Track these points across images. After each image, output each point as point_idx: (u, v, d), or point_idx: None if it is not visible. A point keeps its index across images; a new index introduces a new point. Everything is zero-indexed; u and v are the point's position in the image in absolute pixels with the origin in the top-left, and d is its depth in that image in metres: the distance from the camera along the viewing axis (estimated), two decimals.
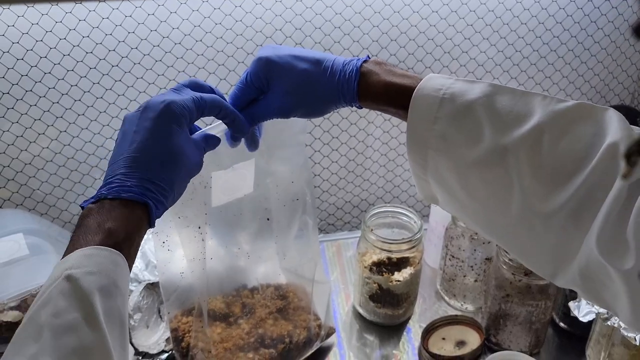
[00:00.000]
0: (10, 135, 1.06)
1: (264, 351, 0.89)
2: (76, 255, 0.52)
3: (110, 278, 0.52)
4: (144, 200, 0.57)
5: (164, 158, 0.59)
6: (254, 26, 1.04)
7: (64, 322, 0.48)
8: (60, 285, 0.50)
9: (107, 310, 0.51)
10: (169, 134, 0.60)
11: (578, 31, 1.14)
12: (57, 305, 0.49)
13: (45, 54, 0.99)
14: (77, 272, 0.50)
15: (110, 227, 0.54)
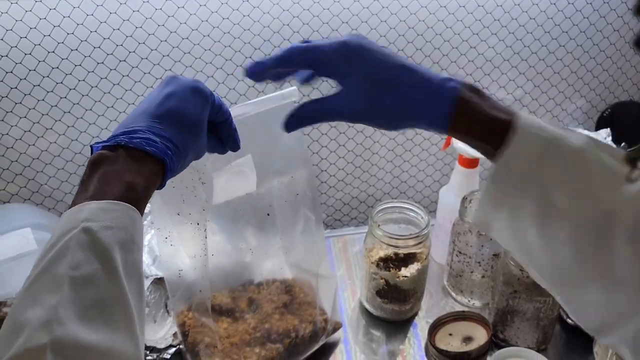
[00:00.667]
0: (18, 130, 1.06)
1: (270, 346, 0.89)
2: (92, 207, 0.51)
3: (128, 233, 0.52)
4: (163, 157, 0.56)
5: (189, 124, 0.59)
6: (261, 21, 1.04)
7: (84, 274, 0.48)
8: (77, 237, 0.49)
9: (126, 264, 0.51)
10: (198, 105, 0.61)
11: (587, 26, 1.14)
12: (75, 257, 0.48)
13: (53, 49, 0.99)
14: (94, 225, 0.49)
15: (131, 182, 0.54)
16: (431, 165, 1.26)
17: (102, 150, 0.55)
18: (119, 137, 0.55)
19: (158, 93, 0.61)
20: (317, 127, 1.17)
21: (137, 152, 0.55)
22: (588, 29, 1.14)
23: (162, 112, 0.58)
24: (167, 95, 0.60)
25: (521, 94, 1.20)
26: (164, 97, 0.60)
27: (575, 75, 1.20)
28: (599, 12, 1.12)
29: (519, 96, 1.20)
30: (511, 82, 1.18)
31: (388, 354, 0.99)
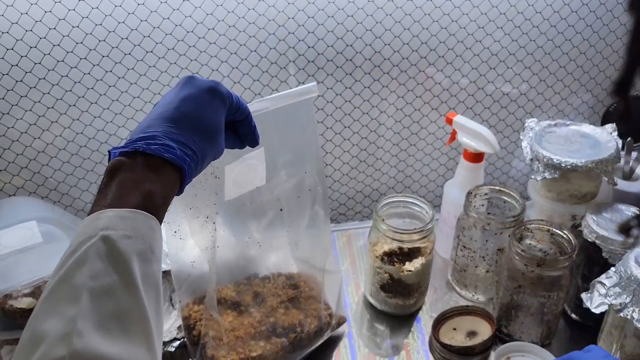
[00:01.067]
0: (23, 123, 1.06)
1: (275, 340, 0.89)
2: (110, 215, 0.51)
3: (146, 243, 0.51)
4: (182, 165, 0.56)
5: (206, 129, 0.59)
6: (266, 14, 1.04)
7: (102, 285, 0.48)
8: (96, 246, 0.49)
9: (144, 275, 0.50)
10: (216, 109, 0.60)
11: (593, 20, 1.13)
12: (93, 267, 0.48)
13: (58, 42, 0.99)
14: (113, 234, 0.49)
15: (150, 190, 0.53)
16: (436, 159, 1.26)
17: (119, 156, 0.54)
18: (137, 144, 0.55)
19: (175, 95, 0.60)
20: (322, 121, 1.16)
21: (155, 159, 0.54)
22: (594, 22, 1.13)
23: (179, 116, 0.58)
24: (184, 98, 0.59)
25: (527, 88, 1.19)
26: (180, 100, 0.59)
27: (581, 70, 1.19)
28: (606, 6, 1.12)
29: (525, 90, 1.19)
30: (517, 76, 1.17)
31: (392, 348, 0.99)
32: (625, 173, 1.10)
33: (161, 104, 0.60)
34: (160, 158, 0.54)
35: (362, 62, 1.11)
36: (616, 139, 1.02)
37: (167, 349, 0.94)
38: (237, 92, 1.10)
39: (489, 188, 1.03)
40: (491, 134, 1.01)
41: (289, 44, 1.07)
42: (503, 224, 0.97)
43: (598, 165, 0.96)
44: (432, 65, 1.14)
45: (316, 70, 1.11)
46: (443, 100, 1.18)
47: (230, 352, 0.86)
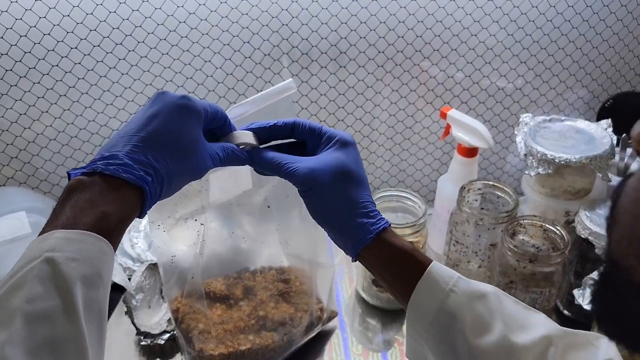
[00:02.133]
0: (13, 112, 1.05)
1: (265, 334, 0.89)
2: (57, 236, 0.48)
3: (94, 267, 0.48)
4: (143, 186, 0.53)
5: (176, 147, 0.56)
6: (260, 6, 1.03)
7: (39, 310, 0.44)
8: (37, 268, 0.45)
9: (87, 301, 0.47)
10: (187, 125, 0.57)
11: (590, 15, 1.12)
12: (32, 289, 0.45)
13: (48, 31, 0.98)
14: (58, 255, 0.46)
15: (105, 211, 0.50)
16: (430, 154, 1.25)
17: (79, 176, 0.52)
18: (96, 164, 0.52)
19: (143, 113, 0.57)
20: (315, 114, 1.16)
21: (114, 180, 0.52)
22: (590, 17, 1.13)
23: (145, 135, 0.55)
24: (152, 115, 0.56)
25: (522, 83, 1.19)
26: (147, 118, 0.56)
27: (577, 65, 1.18)
28: (602, 1, 1.11)
29: (520, 85, 1.19)
30: (512, 71, 1.17)
31: (384, 343, 0.98)
32: (620, 169, 1.10)
33: (129, 123, 0.57)
34: (118, 179, 0.52)
35: (356, 55, 1.10)
36: (611, 135, 1.01)
37: (156, 341, 0.94)
38: (230, 84, 1.09)
39: (483, 183, 1.02)
40: (485, 129, 1.01)
41: (282, 36, 1.07)
42: (496, 219, 0.96)
43: (592, 162, 0.95)
44: (426, 59, 1.13)
45: (309, 62, 1.10)
46: (438, 94, 1.18)
47: (219, 345, 0.85)
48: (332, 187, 0.61)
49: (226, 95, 1.11)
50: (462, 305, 0.56)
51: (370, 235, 0.60)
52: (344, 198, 0.61)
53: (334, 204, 0.61)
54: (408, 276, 0.59)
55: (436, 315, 0.57)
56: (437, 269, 0.58)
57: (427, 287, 0.58)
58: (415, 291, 0.58)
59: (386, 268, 0.60)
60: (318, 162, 0.62)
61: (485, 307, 0.56)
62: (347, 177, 0.61)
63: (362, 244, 0.60)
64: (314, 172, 0.61)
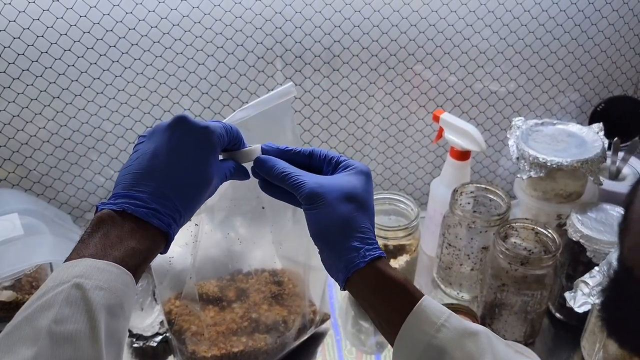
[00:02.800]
0: (6, 114, 1.05)
1: (258, 336, 0.89)
2: (87, 264, 0.50)
3: (118, 298, 0.51)
4: (169, 232, 0.56)
5: (197, 189, 0.58)
6: (253, 9, 1.03)
7: (65, 331, 0.47)
8: (66, 292, 0.48)
9: (109, 330, 0.49)
10: (207, 164, 0.59)
11: (582, 20, 1.13)
12: (60, 311, 0.47)
13: (42, 33, 0.98)
14: (86, 282, 0.49)
15: (134, 248, 0.53)
16: (423, 157, 1.26)
17: (109, 210, 0.54)
18: (126, 204, 0.54)
19: (167, 143, 0.58)
20: (309, 117, 1.16)
21: (143, 222, 0.55)
22: (583, 22, 1.13)
23: (171, 175, 0.57)
24: (175, 149, 0.57)
25: (514, 87, 1.19)
26: (174, 155, 0.57)
27: (569, 69, 1.19)
28: (594, 5, 1.12)
29: (512, 89, 1.19)
30: (504, 74, 1.17)
31: (376, 345, 0.99)
32: (611, 173, 1.11)
33: (149, 152, 0.57)
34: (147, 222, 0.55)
35: (350, 58, 1.11)
36: (603, 138, 1.02)
37: (149, 343, 0.94)
38: (223, 86, 1.10)
39: (475, 186, 1.02)
40: (478, 132, 1.01)
41: (276, 39, 1.07)
42: (488, 222, 0.96)
43: (584, 165, 0.96)
44: (420, 63, 1.13)
45: (303, 65, 1.10)
46: (430, 97, 1.18)
47: (212, 347, 0.85)
48: (336, 207, 0.60)
49: (219, 97, 1.11)
50: (452, 341, 0.55)
51: (365, 260, 0.58)
52: (345, 220, 0.60)
53: (335, 224, 0.60)
54: (398, 307, 0.57)
55: (425, 349, 0.56)
56: (429, 303, 0.57)
57: (418, 320, 0.56)
58: (405, 323, 0.56)
59: (376, 297, 0.59)
60: (327, 180, 0.61)
61: (476, 345, 0.55)
62: (353, 201, 0.61)
63: (354, 268, 0.59)
64: (322, 188, 0.60)
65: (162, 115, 1.12)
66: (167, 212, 0.56)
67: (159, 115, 1.11)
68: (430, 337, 0.56)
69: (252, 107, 0.73)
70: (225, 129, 0.61)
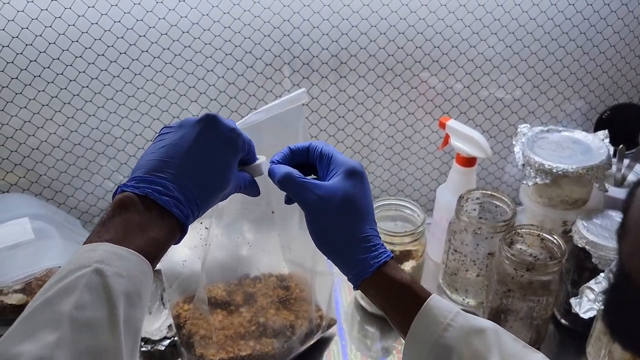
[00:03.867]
0: (18, 120, 1.06)
1: (265, 340, 0.89)
2: (107, 249, 0.50)
3: (136, 287, 0.51)
4: (186, 223, 0.56)
5: (216, 188, 0.59)
6: (262, 16, 1.04)
7: (86, 318, 0.47)
8: (87, 277, 0.48)
9: (127, 318, 0.50)
10: (229, 166, 0.60)
11: (587, 28, 1.14)
12: (81, 297, 0.47)
13: (53, 40, 0.99)
14: (107, 269, 0.49)
15: (154, 237, 0.53)
16: (429, 163, 1.26)
17: (131, 194, 0.54)
18: (149, 187, 0.54)
19: (195, 138, 0.58)
20: (316, 123, 1.17)
21: (164, 210, 0.55)
22: (588, 30, 1.14)
23: (195, 169, 0.57)
24: (204, 146, 0.58)
25: (520, 94, 1.20)
26: (199, 148, 0.58)
27: (574, 77, 1.20)
28: (600, 14, 1.13)
29: (518, 96, 1.20)
30: (510, 82, 1.18)
31: (382, 350, 0.99)
32: (617, 180, 1.11)
33: (176, 143, 0.58)
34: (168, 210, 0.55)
35: (357, 66, 1.12)
36: (608, 145, 1.02)
37: (157, 347, 0.95)
38: (232, 93, 1.11)
39: (481, 192, 1.03)
40: (484, 139, 1.02)
41: (284, 46, 1.08)
42: (494, 229, 0.97)
43: (589, 172, 0.96)
44: (426, 70, 1.14)
45: (311, 72, 1.11)
46: (437, 104, 1.19)
47: (220, 350, 0.86)
48: (336, 219, 0.61)
49: (228, 104, 1.13)
50: (459, 339, 0.57)
51: (371, 269, 0.61)
52: (346, 231, 0.61)
53: (337, 236, 0.61)
54: (407, 309, 0.59)
55: (433, 348, 0.57)
56: (436, 302, 0.59)
57: (424, 320, 0.58)
58: (413, 324, 0.58)
59: (386, 300, 0.61)
60: (327, 188, 0.62)
61: (482, 342, 0.57)
62: (351, 210, 0.62)
63: (362, 277, 0.61)
64: (323, 197, 0.61)
65: (171, 121, 1.13)
66: (187, 204, 0.56)
67: (167, 121, 1.13)
68: (438, 336, 0.57)
69: (264, 111, 0.74)
70: (247, 139, 0.63)
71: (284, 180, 0.63)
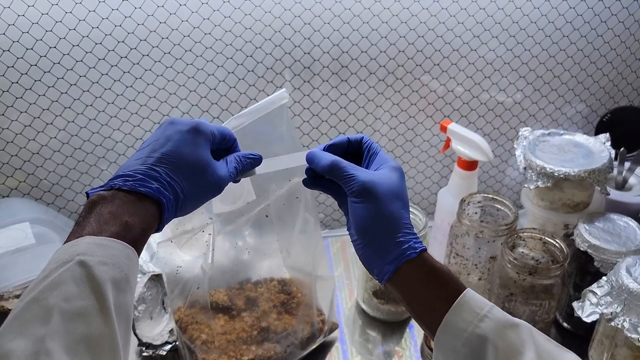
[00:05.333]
0: (18, 124, 1.06)
1: (267, 345, 0.89)
2: (87, 242, 0.50)
3: (122, 272, 0.51)
4: (160, 198, 0.56)
5: (189, 165, 0.59)
6: (263, 20, 1.04)
7: (75, 308, 0.47)
8: (71, 270, 0.48)
9: (117, 304, 0.50)
10: (198, 145, 0.60)
11: (588, 31, 1.14)
12: (68, 290, 0.47)
13: (54, 44, 0.99)
14: (89, 259, 0.49)
15: (128, 221, 0.53)
16: (430, 167, 1.26)
17: (99, 192, 0.55)
18: (114, 181, 0.55)
19: (155, 138, 0.60)
20: (317, 127, 1.17)
21: (133, 195, 0.55)
22: (589, 33, 1.14)
23: (159, 155, 0.58)
24: (164, 139, 0.60)
25: (521, 97, 1.20)
26: (160, 142, 0.59)
27: (575, 80, 1.20)
28: (600, 17, 1.13)
29: (519, 99, 1.20)
30: (511, 85, 1.18)
31: (384, 355, 0.99)
32: (618, 183, 1.11)
33: (141, 148, 0.60)
34: (137, 193, 0.55)
35: (358, 69, 1.12)
36: (609, 148, 1.02)
37: (158, 352, 0.95)
38: (233, 97, 1.11)
39: (483, 196, 1.03)
40: (485, 142, 1.02)
41: (285, 50, 1.08)
42: (496, 232, 0.97)
43: (591, 175, 0.96)
44: (427, 73, 1.14)
45: (312, 76, 1.11)
46: (438, 107, 1.19)
47: (222, 355, 0.86)
48: (386, 202, 0.61)
49: (229, 108, 1.12)
50: (495, 331, 0.56)
51: (416, 251, 0.60)
52: (393, 215, 0.61)
53: (384, 219, 0.61)
54: (444, 296, 0.59)
55: (468, 338, 0.57)
56: (472, 294, 0.59)
57: (461, 309, 0.58)
58: (449, 312, 0.58)
59: (423, 286, 0.60)
60: (376, 177, 0.63)
61: (518, 336, 0.56)
62: (399, 197, 0.62)
63: (406, 258, 0.60)
64: (373, 183, 0.61)
65: None
66: (155, 182, 0.56)
67: None
68: (474, 326, 0.57)
69: (246, 114, 0.74)
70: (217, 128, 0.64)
71: (333, 164, 0.63)
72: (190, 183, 0.59)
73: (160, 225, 0.58)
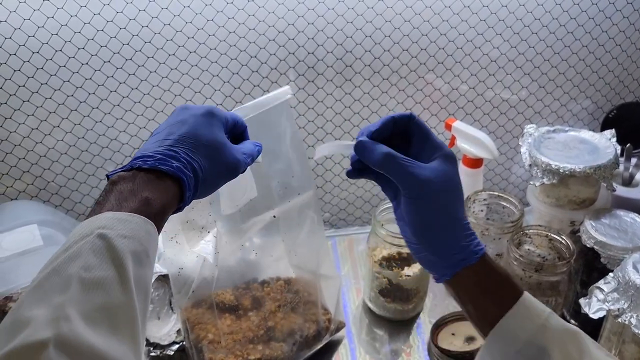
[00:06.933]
0: (25, 127, 1.07)
1: (273, 344, 0.89)
2: (107, 216, 0.51)
3: (143, 246, 0.51)
4: (180, 176, 0.56)
5: (205, 145, 0.59)
6: (266, 21, 1.04)
7: (95, 278, 0.47)
8: (91, 242, 0.48)
9: (137, 276, 0.50)
10: (213, 126, 0.61)
11: (592, 27, 1.14)
12: (88, 260, 0.47)
13: (60, 47, 1.00)
14: (110, 232, 0.49)
15: (148, 197, 0.53)
16: None
17: (119, 173, 0.55)
18: (134, 162, 0.56)
19: (171, 121, 0.61)
20: (322, 127, 1.17)
21: (153, 173, 0.55)
22: (593, 29, 1.14)
23: (177, 137, 0.59)
24: (180, 122, 0.60)
25: (526, 95, 1.20)
26: (176, 125, 0.60)
27: (580, 76, 1.19)
28: (605, 13, 1.12)
29: (524, 97, 1.20)
30: (516, 82, 1.18)
31: (391, 353, 0.99)
32: (624, 179, 1.11)
33: (156, 132, 0.61)
34: (157, 171, 0.55)
35: (362, 69, 1.12)
36: (615, 145, 1.02)
37: (165, 352, 0.95)
38: (237, 97, 1.11)
39: (488, 193, 1.03)
40: (490, 140, 1.02)
41: (288, 50, 1.08)
42: (502, 230, 0.97)
43: (596, 171, 0.96)
44: (431, 72, 1.14)
45: (316, 76, 1.11)
46: (442, 106, 1.19)
47: (229, 355, 0.86)
48: (444, 202, 0.59)
49: (233, 109, 1.12)
50: (553, 341, 0.55)
51: (477, 255, 0.58)
52: (450, 215, 0.59)
53: (441, 217, 0.59)
54: (499, 300, 0.57)
55: (525, 345, 0.55)
56: (531, 299, 0.57)
57: (519, 315, 0.56)
58: (505, 317, 0.56)
59: (480, 290, 0.58)
60: (433, 171, 0.59)
61: (575, 347, 0.55)
62: (454, 193, 0.60)
63: (465, 264, 0.58)
64: (430, 181, 0.58)
65: None
66: (175, 161, 0.57)
67: None
68: (533, 333, 0.55)
69: (248, 107, 0.74)
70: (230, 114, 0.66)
71: (385, 159, 0.58)
72: (209, 162, 0.59)
73: (181, 204, 0.58)
